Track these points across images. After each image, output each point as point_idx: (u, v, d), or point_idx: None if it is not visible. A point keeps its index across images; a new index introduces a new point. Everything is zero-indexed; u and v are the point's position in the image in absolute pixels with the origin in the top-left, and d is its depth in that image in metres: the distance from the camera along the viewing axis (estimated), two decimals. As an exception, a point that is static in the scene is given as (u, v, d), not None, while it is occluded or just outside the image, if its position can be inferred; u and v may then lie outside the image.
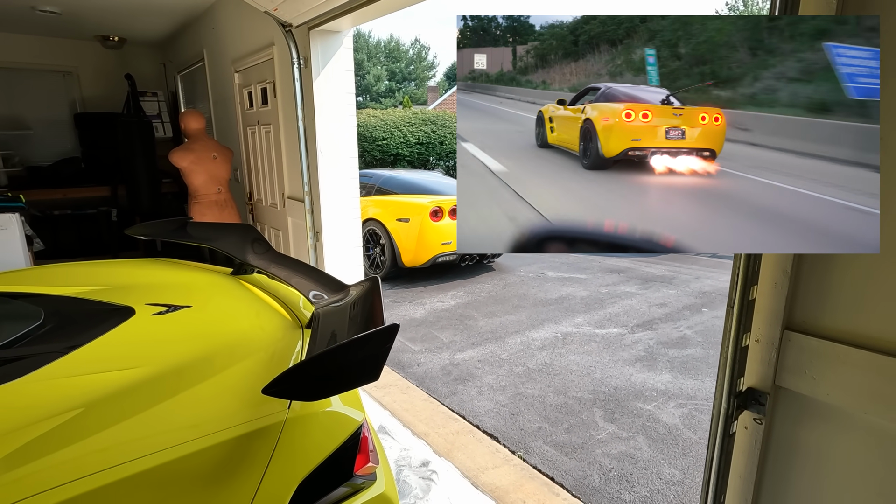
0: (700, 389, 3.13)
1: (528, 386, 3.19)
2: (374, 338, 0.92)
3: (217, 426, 0.89)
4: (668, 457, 2.46)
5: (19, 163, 5.41)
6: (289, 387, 0.83)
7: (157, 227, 2.34)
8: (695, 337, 3.98)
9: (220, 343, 1.28)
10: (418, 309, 4.73)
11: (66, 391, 1.01)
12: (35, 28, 5.02)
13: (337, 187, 3.22)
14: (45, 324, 1.33)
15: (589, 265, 6.36)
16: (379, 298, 1.18)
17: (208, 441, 0.85)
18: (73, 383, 1.05)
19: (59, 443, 0.84)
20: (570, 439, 2.60)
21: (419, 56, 33.28)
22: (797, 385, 1.13)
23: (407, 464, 2.31)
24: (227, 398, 0.99)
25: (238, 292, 1.73)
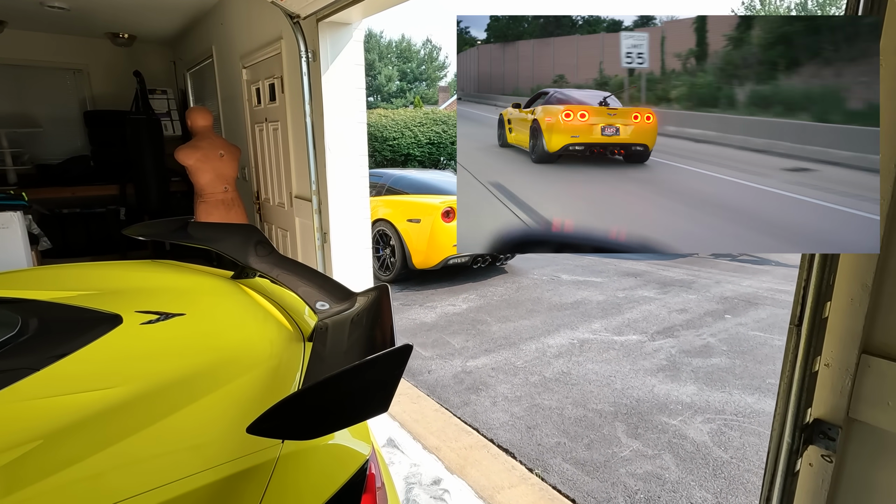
0: (728, 403, 2.95)
1: (545, 396, 3.03)
2: (383, 361, 0.77)
3: (198, 465, 0.75)
4: (699, 478, 2.28)
5: (29, 161, 5.37)
6: (279, 423, 0.69)
7: (156, 227, 2.22)
8: (719, 345, 3.79)
9: (212, 358, 1.14)
10: (429, 312, 4.59)
11: (33, 415, 0.88)
12: (45, 25, 4.96)
13: (346, 186, 3.09)
14: (22, 333, 1.21)
15: (604, 268, 6.17)
16: (388, 311, 1.03)
17: (181, 488, 0.71)
18: (43, 406, 0.92)
19: (17, 479, 0.70)
20: (591, 456, 2.44)
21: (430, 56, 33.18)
22: (876, 418, 0.97)
23: (417, 481, 2.17)
24: (212, 429, 0.85)
25: (237, 299, 1.59)
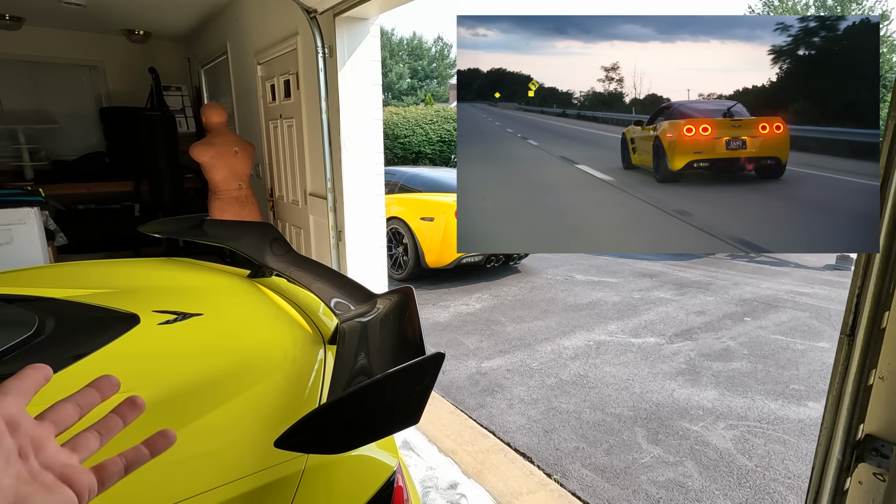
0: (751, 409, 2.87)
1: (562, 400, 2.97)
2: (415, 370, 0.73)
3: (215, 480, 0.71)
4: (723, 487, 2.21)
5: (45, 157, 5.41)
6: (307, 438, 0.65)
7: (171, 224, 2.20)
8: (739, 349, 3.70)
9: (232, 361, 1.11)
10: (442, 312, 4.55)
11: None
12: (62, 21, 4.99)
13: (361, 184, 3.05)
14: (39, 333, 1.18)
15: (619, 269, 6.08)
16: (416, 315, 0.99)
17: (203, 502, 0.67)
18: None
19: None
20: (611, 462, 2.38)
21: (441, 54, 33.09)
22: (935, 436, 0.91)
23: (434, 485, 2.13)
24: (230, 440, 0.81)
25: (254, 298, 1.56)
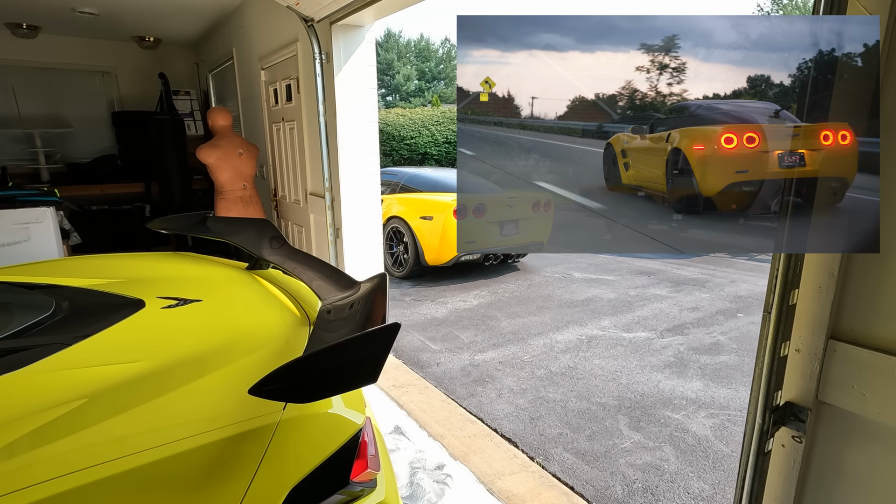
0: (734, 399, 2.96)
1: (550, 390, 3.09)
2: (373, 337, 0.86)
3: (207, 426, 0.85)
4: (698, 470, 2.32)
5: (60, 160, 5.63)
6: (277, 387, 0.79)
7: (177, 221, 2.35)
8: (729, 343, 3.79)
9: (224, 339, 1.25)
10: (440, 308, 4.68)
11: (64, 384, 0.99)
12: (76, 30, 5.20)
13: (357, 183, 3.20)
14: (55, 315, 1.33)
15: (618, 266, 6.17)
16: (383, 296, 1.12)
17: (196, 441, 0.81)
18: (73, 376, 1.03)
19: (50, 437, 0.81)
20: (592, 447, 2.49)
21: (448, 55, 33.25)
22: (843, 401, 1.02)
23: (421, 466, 2.26)
24: (220, 397, 0.95)
25: (250, 287, 1.70)
